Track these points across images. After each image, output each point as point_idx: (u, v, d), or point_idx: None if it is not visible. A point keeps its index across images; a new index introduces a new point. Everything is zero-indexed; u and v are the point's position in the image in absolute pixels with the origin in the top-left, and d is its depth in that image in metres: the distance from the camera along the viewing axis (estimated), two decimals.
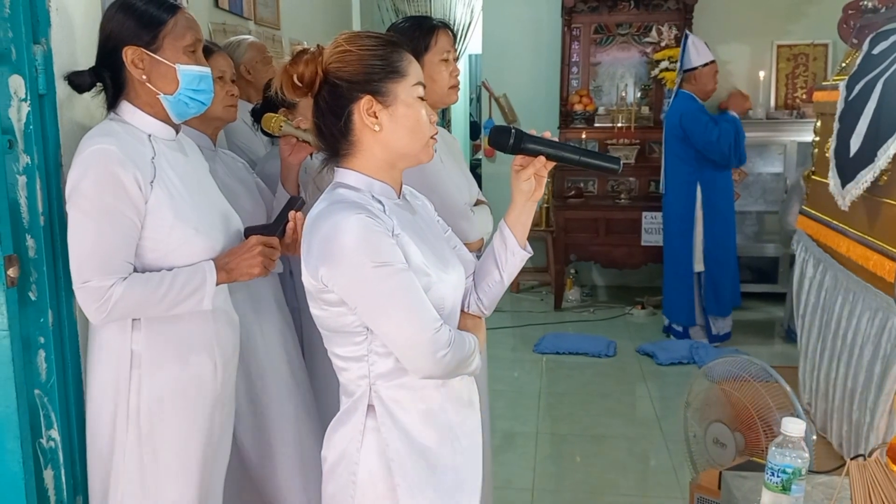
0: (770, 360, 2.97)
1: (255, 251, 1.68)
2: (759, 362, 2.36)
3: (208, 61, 1.97)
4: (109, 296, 1.53)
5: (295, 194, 2.12)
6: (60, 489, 1.79)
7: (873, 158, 2.58)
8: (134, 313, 1.59)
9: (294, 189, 2.12)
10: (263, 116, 2.09)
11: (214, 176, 2.00)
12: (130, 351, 1.61)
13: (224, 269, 1.65)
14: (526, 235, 1.50)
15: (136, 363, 1.61)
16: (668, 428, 3.48)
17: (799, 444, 1.42)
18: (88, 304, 1.54)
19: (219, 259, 1.66)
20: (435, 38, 2.06)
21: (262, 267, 1.68)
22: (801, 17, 5.47)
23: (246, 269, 1.67)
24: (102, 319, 1.56)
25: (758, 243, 5.41)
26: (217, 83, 2.01)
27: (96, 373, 1.65)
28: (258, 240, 1.69)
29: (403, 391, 1.37)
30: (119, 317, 1.57)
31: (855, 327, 2.84)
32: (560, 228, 5.32)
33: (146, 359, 1.62)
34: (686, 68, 4.49)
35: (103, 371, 1.63)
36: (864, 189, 2.66)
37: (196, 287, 1.60)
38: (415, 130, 1.36)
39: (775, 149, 5.33)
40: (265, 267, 1.69)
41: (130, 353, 1.61)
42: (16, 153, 1.66)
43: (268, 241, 1.71)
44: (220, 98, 2.03)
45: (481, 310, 1.53)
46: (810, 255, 3.42)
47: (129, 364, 1.61)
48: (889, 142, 2.52)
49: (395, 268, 1.28)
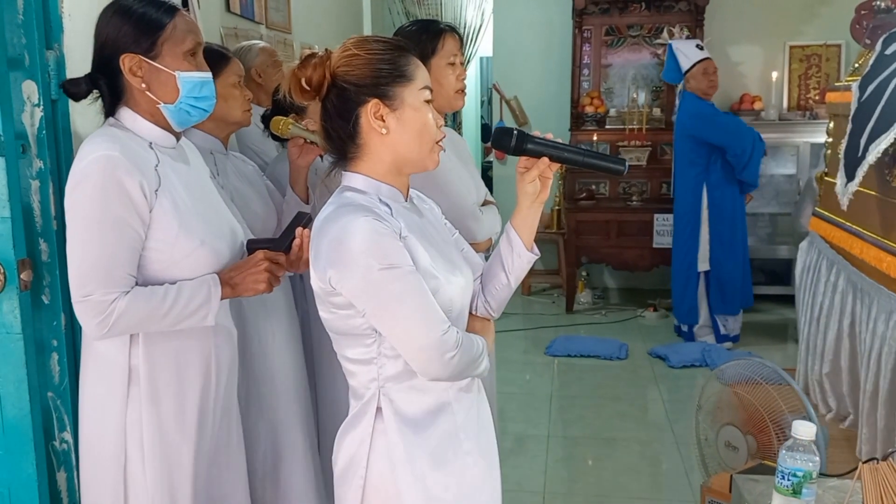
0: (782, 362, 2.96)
1: (261, 267, 1.61)
2: (771, 365, 2.35)
3: (226, 69, 1.99)
4: (112, 310, 1.46)
5: (304, 197, 2.12)
6: (73, 491, 1.80)
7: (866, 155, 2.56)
8: (136, 329, 1.52)
9: (303, 192, 2.12)
10: (272, 119, 2.09)
11: (225, 179, 2.01)
12: (129, 366, 1.54)
13: (229, 284, 1.59)
14: (532, 237, 1.49)
15: (134, 379, 1.55)
16: (680, 431, 3.47)
17: (809, 447, 1.41)
18: (89, 318, 1.47)
19: (223, 273, 1.60)
20: (442, 41, 2.06)
21: (267, 283, 1.62)
22: (813, 17, 5.44)
23: (251, 284, 1.61)
24: (103, 335, 1.48)
25: (770, 245, 5.38)
26: (236, 88, 2.02)
27: (90, 387, 1.58)
28: (264, 255, 1.63)
29: (413, 393, 1.37)
30: (120, 332, 1.50)
31: (872, 330, 2.82)
32: (571, 230, 5.31)
33: (145, 374, 1.55)
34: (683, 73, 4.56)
35: (98, 386, 1.57)
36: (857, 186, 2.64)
37: (201, 303, 1.54)
38: (422, 134, 1.37)
39: (788, 150, 5.30)
40: (270, 283, 1.63)
41: (129, 369, 1.54)
42: (29, 158, 1.68)
43: (274, 257, 1.64)
44: (240, 103, 2.03)
45: (489, 312, 1.53)
46: (823, 257, 3.39)
47: (128, 379, 1.54)
48: (881, 138, 2.49)
49: (402, 270, 1.28)
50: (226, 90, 1.99)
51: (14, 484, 1.72)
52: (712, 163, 4.45)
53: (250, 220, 1.97)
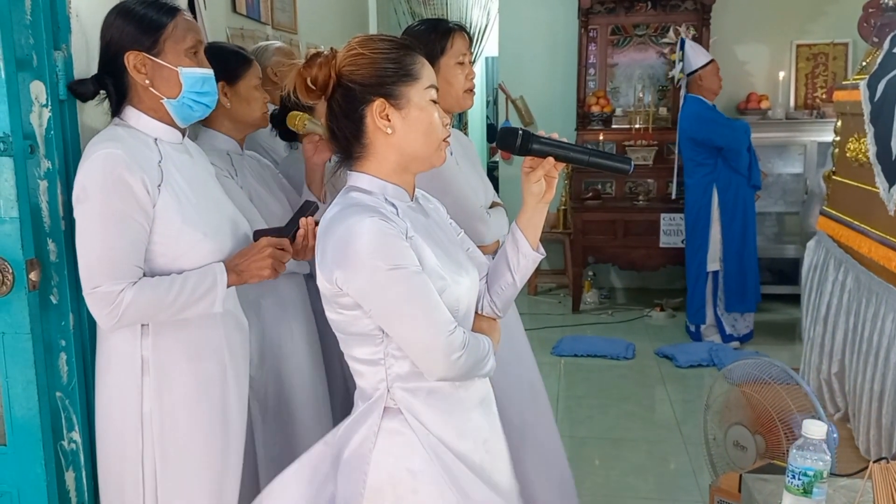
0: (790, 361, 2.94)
1: (265, 253, 1.66)
2: (779, 364, 2.34)
3: (248, 72, 2.02)
4: (120, 301, 1.51)
5: (320, 195, 2.11)
6: (82, 491, 1.81)
7: None
8: (145, 318, 1.58)
9: (319, 190, 2.11)
10: (289, 114, 2.07)
11: (243, 180, 2.02)
12: (141, 358, 1.60)
13: (234, 271, 1.64)
14: (538, 237, 1.49)
15: (147, 370, 1.60)
16: (688, 431, 3.45)
17: (820, 446, 1.40)
18: (99, 309, 1.53)
19: (229, 261, 1.65)
20: (451, 41, 2.05)
21: (272, 269, 1.67)
22: (820, 16, 5.42)
23: (256, 270, 1.66)
24: (114, 325, 1.54)
25: (778, 244, 5.36)
26: (258, 90, 2.04)
27: (106, 380, 1.64)
28: (268, 241, 1.68)
29: (421, 393, 1.37)
30: (130, 322, 1.56)
31: (880, 329, 2.80)
32: (578, 230, 5.30)
33: (157, 365, 1.60)
34: (688, 72, 4.52)
35: (113, 378, 1.62)
36: None
37: (207, 290, 1.59)
38: (427, 133, 1.37)
39: (795, 149, 5.28)
40: (275, 269, 1.68)
41: (141, 360, 1.60)
42: (37, 158, 1.68)
43: (278, 243, 1.69)
44: (261, 105, 2.05)
45: (495, 312, 1.53)
46: (831, 257, 3.38)
47: (140, 371, 1.60)
48: None
49: (409, 271, 1.28)
50: (248, 92, 2.01)
51: (22, 484, 1.72)
52: (721, 163, 4.45)
53: (268, 220, 1.98)
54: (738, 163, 4.40)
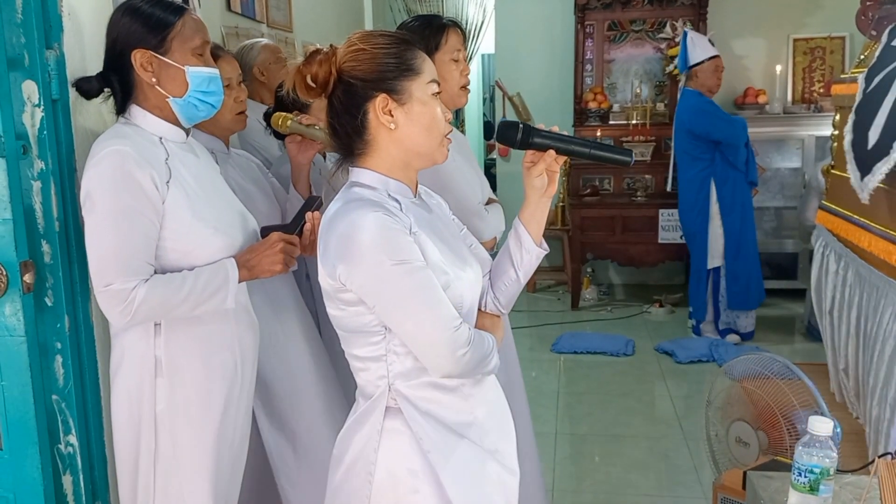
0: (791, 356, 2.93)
1: (277, 248, 1.67)
2: (780, 359, 2.32)
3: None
4: (133, 298, 1.50)
5: (306, 195, 2.10)
6: (79, 495, 1.79)
7: (888, 151, 2.53)
8: (158, 315, 1.57)
9: (305, 190, 2.11)
10: (272, 115, 2.07)
11: (228, 179, 2.00)
12: (154, 357, 1.60)
13: (245, 267, 1.64)
14: (541, 232, 1.48)
15: (160, 369, 1.60)
16: (689, 427, 3.45)
17: (826, 443, 1.39)
18: (112, 307, 1.52)
19: (240, 256, 1.65)
20: (445, 36, 2.03)
21: (283, 264, 1.68)
22: (817, 9, 5.41)
23: (268, 265, 1.66)
24: (127, 323, 1.54)
25: (776, 239, 5.35)
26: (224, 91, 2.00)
27: (120, 380, 1.63)
28: (279, 236, 1.69)
29: (423, 390, 1.35)
30: (143, 319, 1.55)
31: (878, 322, 2.79)
32: (576, 227, 5.29)
33: (170, 364, 1.60)
34: (688, 65, 4.48)
35: (127, 378, 1.62)
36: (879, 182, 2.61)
37: (219, 285, 1.59)
38: (430, 128, 1.35)
39: (793, 144, 5.27)
40: (286, 264, 1.69)
41: (154, 359, 1.60)
42: (30, 159, 1.66)
43: (289, 239, 1.70)
44: (229, 107, 1.99)
45: (498, 308, 1.51)
46: (831, 251, 3.37)
47: (154, 370, 1.60)
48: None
49: (413, 266, 1.27)
50: None
51: (19, 489, 1.70)
52: (719, 158, 4.41)
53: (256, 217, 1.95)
54: (735, 158, 4.39)
